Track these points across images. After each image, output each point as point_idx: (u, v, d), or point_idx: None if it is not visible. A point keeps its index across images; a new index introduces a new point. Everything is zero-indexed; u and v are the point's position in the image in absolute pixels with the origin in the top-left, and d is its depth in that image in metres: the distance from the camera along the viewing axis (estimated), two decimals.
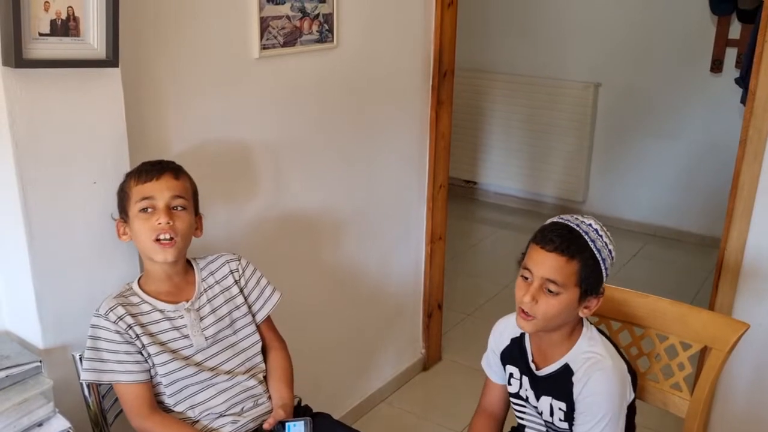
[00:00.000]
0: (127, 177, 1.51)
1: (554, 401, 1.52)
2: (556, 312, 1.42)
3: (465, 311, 3.45)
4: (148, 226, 1.47)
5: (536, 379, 1.55)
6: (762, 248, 2.14)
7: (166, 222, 1.46)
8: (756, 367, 2.24)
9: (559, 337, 1.50)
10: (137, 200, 1.47)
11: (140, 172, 1.50)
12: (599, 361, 1.46)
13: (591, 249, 1.41)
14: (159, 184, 1.48)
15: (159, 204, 1.47)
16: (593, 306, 1.47)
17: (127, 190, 1.49)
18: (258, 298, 1.67)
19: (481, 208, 4.97)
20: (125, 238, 1.53)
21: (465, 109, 4.73)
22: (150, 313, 1.51)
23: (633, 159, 4.39)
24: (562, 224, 1.44)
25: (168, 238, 1.47)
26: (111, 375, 1.46)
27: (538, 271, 1.41)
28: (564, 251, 1.39)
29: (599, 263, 1.42)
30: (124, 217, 1.51)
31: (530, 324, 1.45)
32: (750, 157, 2.09)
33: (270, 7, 1.89)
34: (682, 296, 2.28)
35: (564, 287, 1.40)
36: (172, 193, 1.49)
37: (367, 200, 2.45)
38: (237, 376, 1.59)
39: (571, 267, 1.40)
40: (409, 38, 2.47)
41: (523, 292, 1.43)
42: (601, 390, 1.44)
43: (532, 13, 4.53)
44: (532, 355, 1.57)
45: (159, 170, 1.50)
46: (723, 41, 3.94)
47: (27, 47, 1.30)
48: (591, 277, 1.42)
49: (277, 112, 2.01)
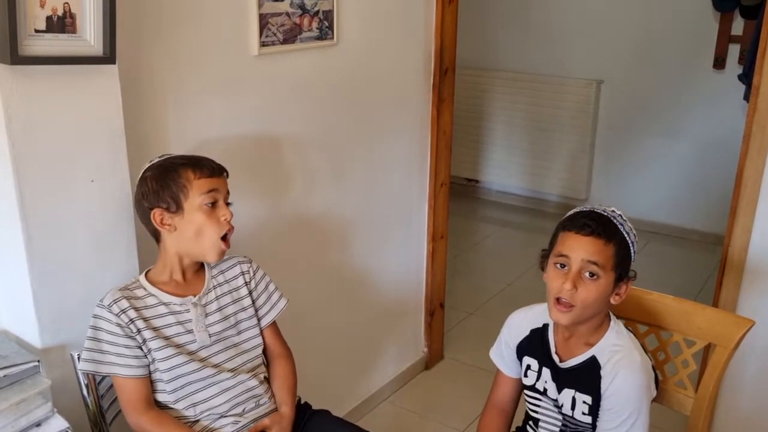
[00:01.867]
0: (175, 168, 1.46)
1: (578, 394, 1.50)
2: (595, 297, 1.41)
3: (467, 310, 3.44)
4: (213, 221, 1.47)
5: (559, 371, 1.53)
6: (766, 244, 2.13)
7: (231, 217, 1.49)
8: (761, 364, 2.23)
9: (587, 329, 1.50)
10: (202, 192, 1.45)
11: (199, 164, 1.47)
12: (627, 356, 1.46)
13: (622, 232, 1.44)
14: (220, 180, 1.50)
15: (221, 199, 1.49)
16: (623, 292, 1.48)
17: (184, 182, 1.45)
18: (265, 303, 1.66)
19: (483, 206, 4.96)
20: (168, 228, 1.47)
21: (467, 107, 4.72)
22: (155, 306, 1.50)
23: (635, 156, 4.37)
24: (592, 211, 1.47)
25: (229, 234, 1.50)
26: (109, 367, 1.45)
27: (577, 255, 1.41)
28: (601, 234, 1.41)
29: (629, 246, 1.45)
30: (171, 206, 1.46)
31: (568, 315, 1.43)
32: (754, 153, 2.08)
33: (269, 4, 1.88)
34: (686, 293, 2.26)
35: (604, 269, 1.41)
36: (227, 190, 1.52)
37: (367, 199, 2.44)
38: (239, 375, 1.57)
39: (608, 249, 1.41)
40: (409, 35, 2.46)
41: (561, 281, 1.42)
42: (630, 386, 1.44)
43: (533, 10, 4.52)
44: (556, 346, 1.55)
45: (220, 169, 1.51)
46: (726, 38, 3.93)
47: (23, 44, 1.29)
48: (624, 261, 1.44)
49: (276, 110, 2.00)
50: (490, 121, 4.82)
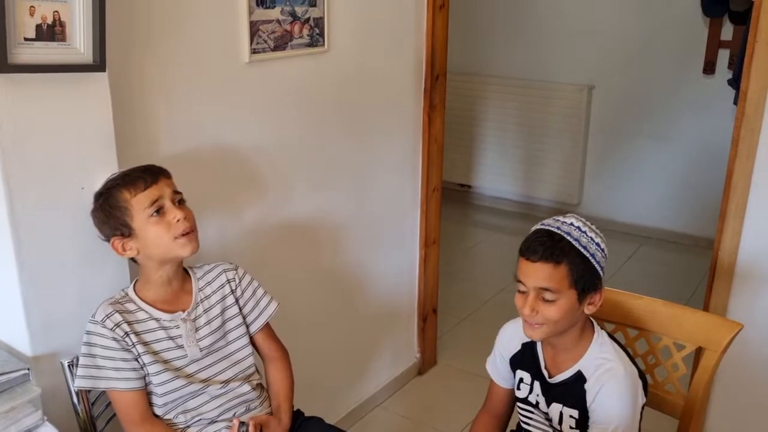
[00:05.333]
0: (111, 193, 1.45)
1: (565, 408, 1.51)
2: (557, 317, 1.42)
3: (460, 315, 3.44)
4: (165, 227, 1.45)
5: (548, 385, 1.54)
6: (756, 248, 2.14)
7: (183, 216, 1.46)
8: (751, 368, 2.24)
9: (570, 341, 1.50)
10: (145, 207, 1.44)
11: (133, 181, 1.45)
12: (611, 369, 1.46)
13: (576, 248, 1.41)
14: (159, 186, 1.47)
15: (167, 203, 1.46)
16: (597, 301, 1.47)
17: (123, 204, 1.44)
18: (253, 310, 1.65)
19: (476, 211, 4.97)
20: (130, 253, 1.48)
21: (459, 112, 4.73)
22: (145, 321, 1.50)
23: (627, 161, 4.39)
24: (543, 231, 1.45)
25: (188, 230, 1.47)
26: (107, 382, 1.44)
27: (530, 282, 1.42)
28: (549, 258, 1.40)
29: (588, 260, 1.42)
30: (123, 231, 1.46)
31: (538, 332, 1.46)
32: (742, 157, 2.09)
33: (260, 11, 1.88)
34: (677, 298, 2.27)
35: (559, 292, 1.40)
36: (172, 189, 1.49)
37: (360, 204, 2.44)
38: (230, 383, 1.58)
39: (560, 272, 1.40)
40: (400, 41, 2.47)
41: (521, 304, 1.45)
42: (614, 399, 1.44)
43: (524, 16, 4.54)
44: (545, 361, 1.56)
45: (153, 174, 1.48)
46: (715, 43, 3.95)
47: (12, 52, 1.29)
48: (584, 275, 1.42)
49: (268, 116, 2.00)
50: (482, 127, 4.83)
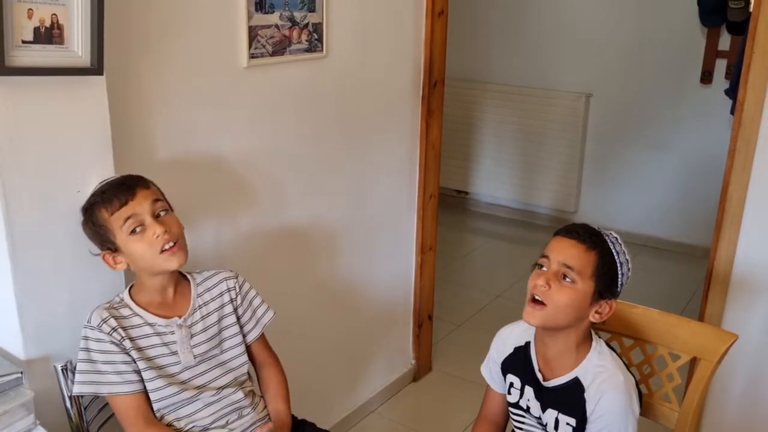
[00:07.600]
0: (93, 210, 1.44)
1: (561, 415, 1.50)
2: (567, 302, 1.41)
3: (456, 322, 3.44)
4: (147, 243, 1.42)
5: (543, 390, 1.53)
6: (751, 258, 2.14)
7: (162, 232, 1.43)
8: (746, 378, 2.24)
9: (565, 346, 1.49)
10: (121, 225, 1.42)
11: (109, 200, 1.42)
12: (611, 377, 1.45)
13: (610, 249, 1.44)
14: (135, 202, 1.43)
15: (146, 218, 1.43)
16: (605, 312, 1.47)
17: (103, 223, 1.43)
18: (250, 319, 1.65)
19: (473, 218, 4.97)
20: (121, 266, 1.47)
21: (457, 119, 4.74)
22: (140, 326, 1.49)
23: (624, 169, 4.40)
24: (586, 224, 1.49)
25: (172, 244, 1.44)
26: (110, 387, 1.43)
27: (556, 256, 1.43)
28: (585, 240, 1.43)
29: (616, 264, 1.44)
30: (110, 246, 1.45)
31: (539, 314, 1.43)
32: (738, 167, 2.10)
33: (259, 16, 1.88)
34: (673, 306, 2.28)
35: (580, 275, 1.41)
36: (151, 200, 1.45)
37: (356, 210, 2.44)
38: (225, 390, 1.57)
39: (588, 256, 1.42)
40: (399, 48, 2.47)
41: (536, 278, 1.44)
42: (616, 407, 1.44)
43: (523, 23, 4.55)
44: (538, 365, 1.55)
45: (129, 189, 1.44)
46: (713, 53, 3.97)
47: (9, 55, 1.29)
48: (607, 274, 1.44)
49: (266, 121, 2.00)
50: (479, 134, 4.84)
